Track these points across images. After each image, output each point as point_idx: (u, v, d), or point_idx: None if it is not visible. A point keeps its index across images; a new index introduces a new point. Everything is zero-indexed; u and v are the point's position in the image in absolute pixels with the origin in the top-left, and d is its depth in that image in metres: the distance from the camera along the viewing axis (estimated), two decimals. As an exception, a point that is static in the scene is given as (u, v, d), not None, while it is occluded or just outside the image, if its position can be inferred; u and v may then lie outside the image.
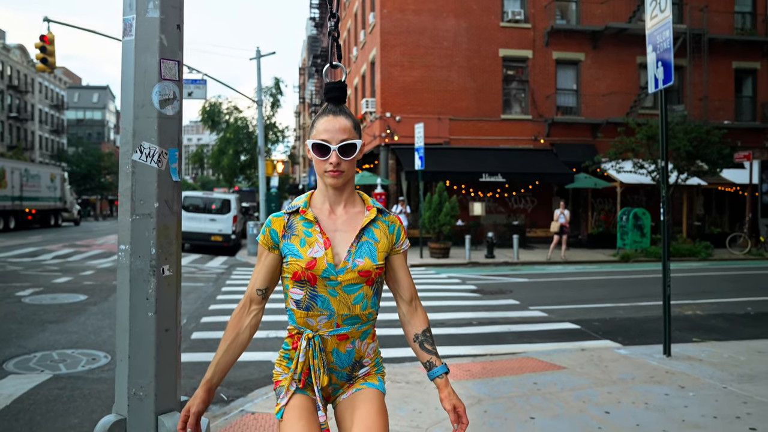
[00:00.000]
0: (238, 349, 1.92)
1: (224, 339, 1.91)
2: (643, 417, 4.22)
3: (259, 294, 1.96)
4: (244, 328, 1.94)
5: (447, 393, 1.95)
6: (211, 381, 1.86)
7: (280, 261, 1.95)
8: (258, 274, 1.96)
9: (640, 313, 9.06)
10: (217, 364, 1.89)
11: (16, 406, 4.63)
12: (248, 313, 1.96)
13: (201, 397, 1.83)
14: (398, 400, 4.61)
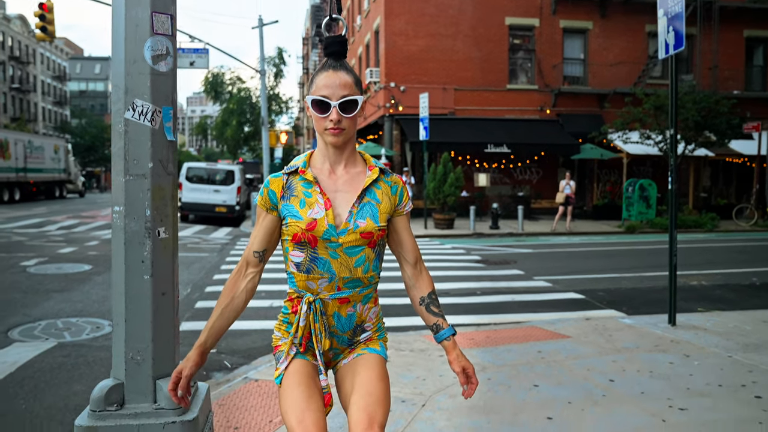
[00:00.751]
0: (233, 313, 1.86)
1: (219, 302, 1.85)
2: (648, 385, 4.20)
3: (256, 256, 1.90)
4: (239, 292, 1.88)
5: (455, 355, 1.91)
6: (205, 345, 1.81)
7: (279, 223, 1.89)
8: (255, 236, 1.90)
9: (644, 284, 9.02)
10: (211, 327, 1.83)
11: (20, 373, 4.64)
12: (244, 277, 1.90)
13: (193, 360, 1.78)
14: (402, 367, 4.60)
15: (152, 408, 1.92)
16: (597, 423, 3.53)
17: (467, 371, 1.89)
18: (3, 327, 5.96)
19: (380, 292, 6.74)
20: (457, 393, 4.04)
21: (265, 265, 1.92)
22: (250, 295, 1.90)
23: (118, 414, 1.90)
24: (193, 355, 1.77)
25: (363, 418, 1.75)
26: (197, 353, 1.77)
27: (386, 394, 1.86)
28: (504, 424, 3.52)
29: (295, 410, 1.76)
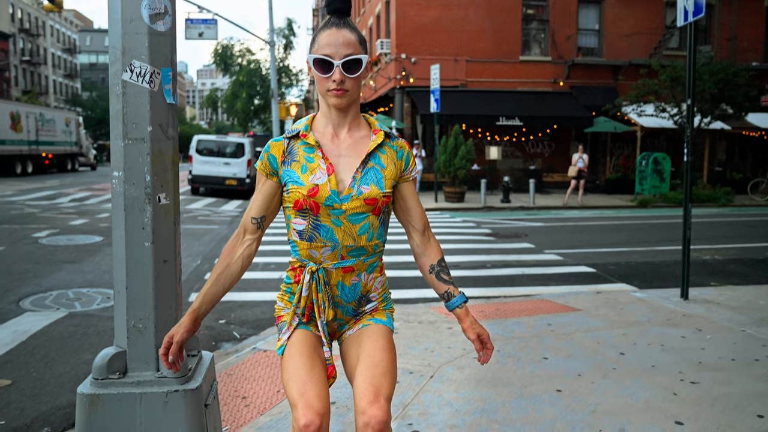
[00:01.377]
0: (229, 280, 1.79)
1: (215, 269, 1.80)
2: (659, 358, 4.15)
3: (254, 223, 1.83)
4: (235, 259, 1.80)
5: (469, 322, 1.85)
6: (198, 311, 1.75)
7: (279, 189, 1.83)
8: (254, 201, 1.84)
9: (657, 258, 8.92)
10: (205, 294, 1.76)
11: (32, 341, 4.68)
12: (241, 244, 1.83)
13: (186, 326, 1.71)
14: (411, 339, 4.58)
15: (155, 376, 1.90)
16: (607, 395, 3.50)
17: (482, 337, 1.84)
18: (15, 297, 6.00)
19: (388, 265, 6.68)
20: (466, 365, 4.02)
21: (263, 233, 1.86)
22: (246, 262, 1.83)
23: (120, 382, 1.88)
24: (185, 321, 1.71)
25: (368, 390, 1.70)
26: (190, 319, 1.71)
27: (392, 366, 1.81)
28: (513, 396, 3.49)
29: (296, 382, 1.71)
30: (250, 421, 3.17)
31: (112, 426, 1.85)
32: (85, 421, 1.85)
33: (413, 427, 3.08)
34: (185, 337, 1.69)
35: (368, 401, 1.67)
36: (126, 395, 1.86)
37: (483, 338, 1.84)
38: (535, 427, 3.09)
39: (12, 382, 3.89)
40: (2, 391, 3.75)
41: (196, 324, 1.73)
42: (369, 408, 1.66)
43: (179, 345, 1.67)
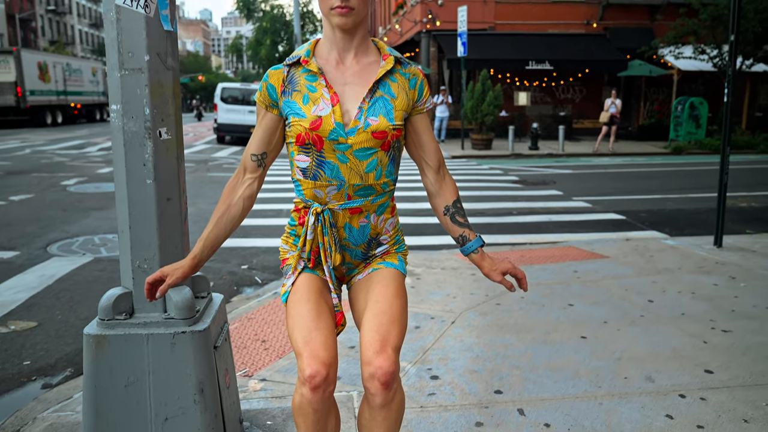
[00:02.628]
0: (230, 223, 1.68)
1: (215, 212, 1.69)
2: (690, 306, 4.02)
3: (254, 160, 1.70)
4: (236, 200, 1.69)
5: (488, 265, 1.71)
6: (200, 256, 1.65)
7: (280, 123, 1.69)
8: (254, 137, 1.70)
9: (690, 205, 8.64)
10: (206, 238, 1.65)
11: (58, 285, 4.74)
12: (241, 183, 1.71)
13: (183, 269, 1.60)
14: (432, 285, 4.51)
15: (162, 318, 1.84)
16: (633, 343, 3.39)
17: (509, 272, 1.69)
18: (43, 242, 6.09)
19: (409, 212, 6.59)
20: (488, 311, 3.94)
21: (266, 171, 1.73)
22: (248, 203, 1.71)
23: (127, 323, 1.83)
24: (185, 265, 1.61)
25: (375, 339, 1.59)
26: (190, 263, 1.62)
27: (402, 313, 1.69)
28: (536, 343, 3.41)
29: (301, 329, 1.61)
30: (268, 364, 3.16)
31: (119, 367, 1.81)
32: (92, 361, 1.81)
33: (432, 372, 3.03)
34: (178, 280, 1.59)
35: (374, 351, 1.57)
36: (132, 336, 1.81)
37: (510, 272, 1.69)
38: (558, 373, 3.01)
39: (38, 324, 3.95)
40: (28, 332, 3.81)
41: (195, 269, 1.63)
42: (375, 358, 1.56)
43: (169, 286, 1.57)
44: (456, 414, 2.61)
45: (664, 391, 2.82)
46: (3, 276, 4.96)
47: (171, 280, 1.57)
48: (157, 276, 1.58)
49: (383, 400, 1.58)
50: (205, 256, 1.66)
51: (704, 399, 2.74)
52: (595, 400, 2.73)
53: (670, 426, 2.50)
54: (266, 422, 2.54)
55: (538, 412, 2.63)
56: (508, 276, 2.93)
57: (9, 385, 3.15)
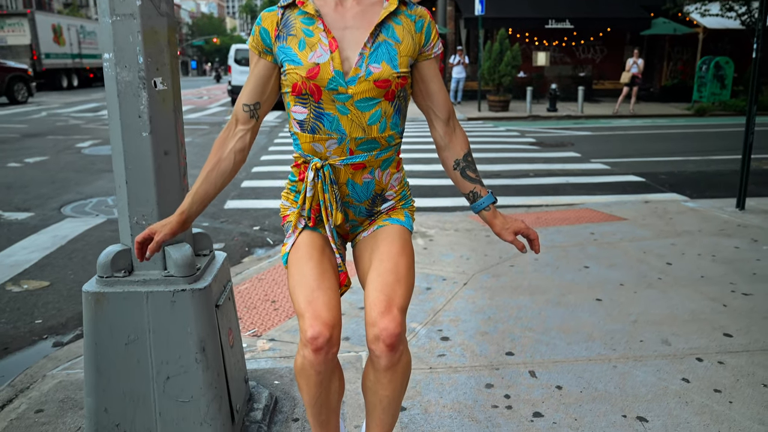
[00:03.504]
0: (220, 178, 1.58)
1: (205, 165, 1.60)
2: (709, 269, 3.91)
3: (246, 111, 1.60)
4: (226, 153, 1.59)
5: (500, 223, 1.63)
6: (189, 211, 1.55)
7: (275, 70, 1.58)
8: (246, 85, 1.60)
9: (711, 167, 8.42)
10: (194, 193, 1.56)
11: (70, 246, 4.75)
12: (233, 136, 1.60)
13: (171, 226, 1.51)
14: (445, 246, 4.44)
15: (161, 275, 1.79)
16: (650, 305, 3.31)
17: (521, 232, 1.61)
18: (57, 204, 6.11)
19: (423, 174, 6.46)
20: (502, 273, 3.87)
21: (259, 123, 1.63)
22: (239, 157, 1.61)
23: (126, 281, 1.78)
24: (172, 221, 1.53)
25: (380, 299, 1.51)
26: (177, 219, 1.54)
27: (408, 272, 1.60)
28: (549, 304, 3.34)
29: (304, 289, 1.53)
30: (278, 324, 3.14)
31: (118, 325, 1.78)
32: (92, 319, 1.78)
33: (443, 333, 2.98)
34: (166, 237, 1.51)
35: (379, 312, 1.49)
36: (132, 294, 1.77)
37: (522, 232, 1.61)
38: (571, 336, 2.95)
39: (50, 283, 3.96)
40: (40, 292, 3.82)
41: (183, 226, 1.55)
42: (380, 319, 1.48)
43: (158, 244, 1.50)
44: (466, 375, 2.57)
45: (680, 354, 2.75)
46: (17, 236, 4.98)
47: (159, 237, 1.50)
48: (145, 234, 1.50)
49: (388, 362, 1.52)
50: (194, 212, 1.57)
51: (722, 363, 2.66)
52: (609, 363, 2.66)
53: (686, 389, 2.43)
54: (273, 382, 2.51)
55: (550, 374, 2.57)
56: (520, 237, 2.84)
57: (21, 344, 3.17)
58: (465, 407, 2.32)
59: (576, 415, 2.26)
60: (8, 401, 2.41)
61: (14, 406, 2.37)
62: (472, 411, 2.29)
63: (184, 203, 1.56)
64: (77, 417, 2.27)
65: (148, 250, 1.48)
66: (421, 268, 3.95)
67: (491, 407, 2.32)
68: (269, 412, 2.23)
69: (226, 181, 1.60)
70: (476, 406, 2.32)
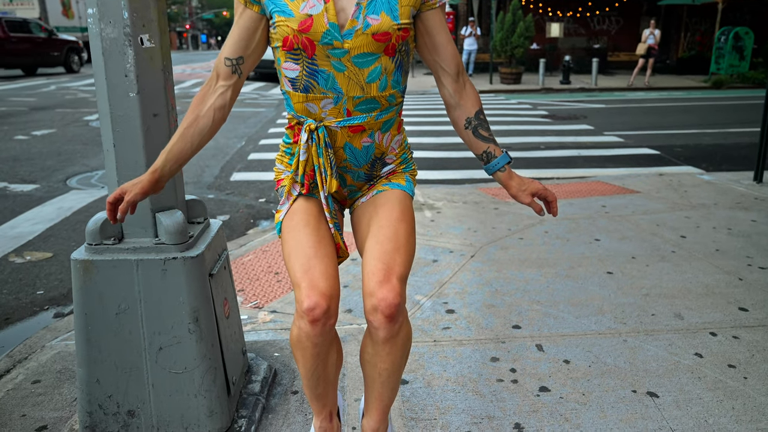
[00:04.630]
0: (197, 136, 1.46)
1: (182, 122, 1.48)
2: (725, 242, 3.79)
3: (228, 65, 1.47)
4: (205, 110, 1.46)
5: (516, 185, 1.53)
6: (161, 170, 1.44)
7: (262, 22, 1.45)
8: (230, 38, 1.47)
9: (728, 140, 8.21)
10: (169, 151, 1.45)
11: (74, 217, 4.71)
12: (213, 92, 1.48)
13: (142, 185, 1.41)
14: (453, 219, 4.35)
15: (152, 243, 1.72)
16: (663, 279, 3.21)
17: (539, 193, 1.51)
18: (63, 176, 6.07)
19: (432, 146, 6.30)
20: (510, 245, 3.78)
21: (242, 80, 1.51)
22: (219, 115, 1.48)
23: (115, 248, 1.72)
24: (143, 179, 1.43)
25: (379, 268, 1.42)
26: (149, 178, 1.43)
27: (408, 239, 1.51)
28: (558, 277, 3.26)
29: (299, 257, 1.44)
30: (280, 295, 3.08)
31: (108, 294, 1.72)
32: (81, 288, 1.72)
33: (448, 306, 2.91)
34: (137, 198, 1.41)
35: (377, 281, 1.40)
36: (121, 262, 1.70)
37: (540, 193, 1.52)
38: (580, 309, 2.87)
39: (53, 254, 3.93)
40: (43, 263, 3.79)
41: (156, 185, 1.45)
42: (378, 289, 1.39)
43: (129, 204, 1.40)
44: (471, 348, 2.50)
45: (693, 328, 2.66)
46: (22, 208, 4.95)
47: (129, 197, 1.40)
48: (116, 194, 1.41)
49: (387, 334, 1.43)
50: (167, 171, 1.46)
51: (737, 337, 2.57)
52: (619, 337, 2.58)
53: (699, 364, 2.35)
54: (273, 354, 2.46)
55: (558, 348, 2.50)
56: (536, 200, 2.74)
57: (22, 314, 3.14)
58: (469, 381, 2.25)
59: (584, 390, 2.19)
60: (6, 372, 2.38)
61: (11, 377, 2.34)
62: (476, 385, 2.23)
63: (157, 161, 1.45)
64: (74, 388, 2.23)
65: (119, 211, 1.39)
66: (427, 241, 3.87)
67: (496, 381, 2.25)
68: (268, 385, 2.18)
69: (204, 140, 1.48)
70: (481, 380, 2.26)
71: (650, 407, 2.07)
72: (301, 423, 2.01)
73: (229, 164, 6.73)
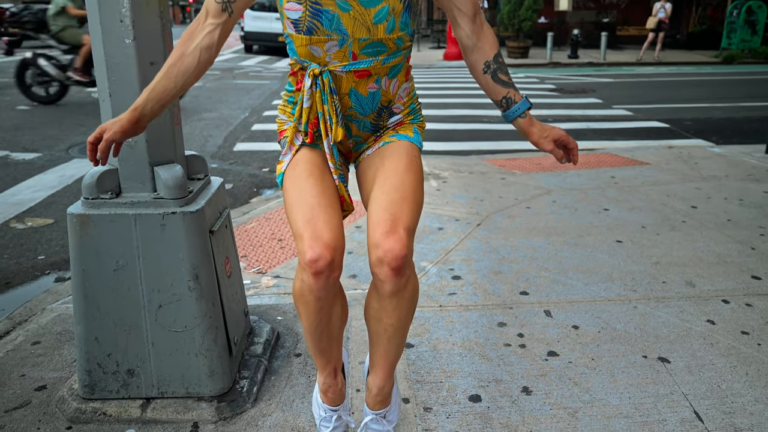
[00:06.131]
0: (181, 75, 1.38)
1: (167, 60, 1.41)
2: (737, 213, 3.72)
3: (219, 2, 1.38)
4: (191, 49, 1.38)
5: (538, 131, 1.48)
6: (143, 109, 1.36)
7: None
8: None
9: (740, 114, 8.08)
10: (152, 89, 1.37)
11: (76, 185, 4.66)
12: (201, 30, 1.39)
13: (121, 123, 1.34)
14: (459, 188, 4.28)
15: (151, 197, 1.67)
16: (673, 248, 3.15)
17: (561, 140, 1.47)
18: (65, 145, 6.01)
19: (440, 118, 6.17)
20: (517, 214, 3.72)
21: (233, 20, 1.42)
22: (205, 55, 1.39)
23: (113, 203, 1.66)
24: (123, 117, 1.36)
25: (384, 218, 1.35)
26: (129, 116, 1.36)
27: (416, 190, 1.44)
28: (566, 245, 3.20)
29: (302, 207, 1.37)
30: (283, 261, 3.03)
31: (106, 249, 1.66)
32: (77, 242, 1.66)
33: (454, 272, 2.86)
34: (116, 137, 1.35)
35: (383, 232, 1.33)
36: (119, 216, 1.65)
37: (562, 140, 1.47)
38: (589, 276, 2.81)
39: (54, 221, 3.89)
40: (44, 229, 3.75)
41: (137, 125, 1.38)
42: (384, 240, 1.32)
43: (107, 143, 1.34)
44: (477, 313, 2.45)
45: (705, 296, 2.60)
46: (23, 176, 4.90)
47: (108, 136, 1.34)
48: (96, 133, 1.35)
49: (394, 287, 1.37)
50: (149, 110, 1.39)
51: (750, 305, 2.51)
52: (629, 304, 2.53)
53: (711, 331, 2.30)
54: (276, 318, 2.42)
55: (566, 314, 2.45)
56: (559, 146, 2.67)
57: (23, 279, 3.11)
58: (476, 345, 2.21)
59: (593, 355, 2.14)
60: (5, 333, 2.35)
61: (11, 338, 2.30)
62: (483, 349, 2.18)
63: (138, 99, 1.38)
64: (74, 349, 2.19)
65: (99, 151, 1.33)
66: (433, 209, 3.80)
67: (504, 345, 2.21)
68: (270, 347, 2.13)
69: (189, 81, 1.40)
70: (488, 345, 2.21)
71: (662, 372, 2.03)
72: (304, 385, 1.97)
73: (232, 134, 6.65)
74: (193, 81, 1.41)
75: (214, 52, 1.41)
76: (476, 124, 7.30)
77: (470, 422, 1.78)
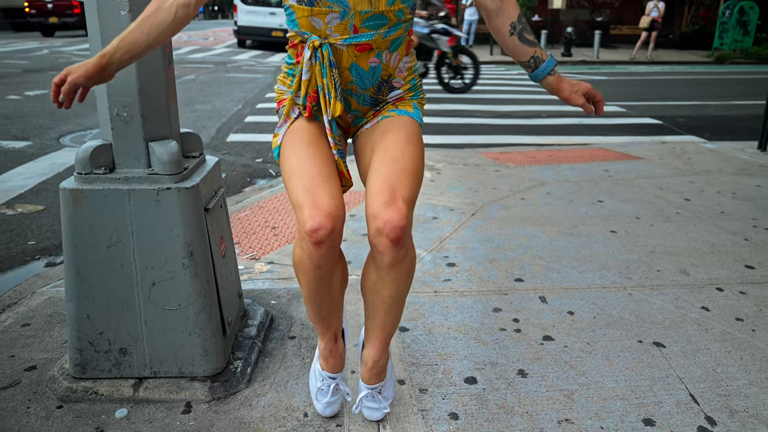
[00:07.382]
0: (155, 29, 1.34)
1: (142, 12, 1.38)
2: (730, 205, 3.73)
3: None
4: (168, 4, 1.34)
5: (568, 86, 1.51)
6: (111, 56, 1.34)
7: None
8: None
9: (732, 112, 8.12)
10: (122, 39, 1.34)
11: (67, 173, 4.62)
12: None
13: (86, 68, 1.32)
14: (453, 179, 4.27)
15: (145, 173, 1.64)
16: (668, 238, 3.15)
17: (589, 93, 1.52)
18: (56, 134, 5.95)
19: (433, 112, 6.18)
20: (512, 205, 3.71)
21: None
22: (182, 12, 1.36)
23: (106, 178, 1.63)
24: (90, 62, 1.34)
25: (383, 189, 1.34)
26: (96, 62, 1.33)
27: (416, 161, 1.42)
28: (561, 235, 3.19)
29: (302, 176, 1.35)
30: (277, 248, 3.01)
31: (99, 225, 1.64)
32: (70, 219, 1.64)
33: (449, 260, 2.85)
34: (80, 80, 1.32)
35: (382, 202, 1.32)
36: (112, 191, 1.62)
37: (590, 93, 1.52)
38: (584, 264, 2.81)
39: (45, 207, 3.84)
40: (35, 215, 3.70)
41: (103, 72, 1.35)
42: (383, 211, 1.31)
43: (71, 86, 1.32)
44: (473, 299, 2.44)
45: (700, 284, 2.61)
46: (13, 163, 4.85)
47: (72, 78, 1.32)
48: (62, 75, 1.33)
49: (392, 258, 1.35)
50: (117, 59, 1.35)
51: (744, 293, 2.52)
52: (624, 291, 2.53)
53: (706, 318, 2.30)
54: (270, 301, 2.40)
55: (561, 300, 2.45)
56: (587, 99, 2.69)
57: (12, 263, 3.07)
58: (471, 329, 2.20)
59: (588, 340, 2.14)
60: (-6, 315, 2.32)
61: (0, 320, 2.27)
62: (478, 333, 2.17)
63: (108, 46, 1.36)
64: (65, 331, 2.17)
65: (62, 93, 1.31)
66: (427, 199, 3.79)
67: (499, 330, 2.20)
68: (264, 329, 2.11)
69: (161, 36, 1.37)
70: (483, 329, 2.20)
71: (657, 356, 2.03)
72: (298, 366, 1.95)
73: (225, 126, 6.61)
74: (166, 37, 1.38)
75: (191, 11, 1.38)
76: (470, 118, 7.30)
77: (466, 403, 1.77)
